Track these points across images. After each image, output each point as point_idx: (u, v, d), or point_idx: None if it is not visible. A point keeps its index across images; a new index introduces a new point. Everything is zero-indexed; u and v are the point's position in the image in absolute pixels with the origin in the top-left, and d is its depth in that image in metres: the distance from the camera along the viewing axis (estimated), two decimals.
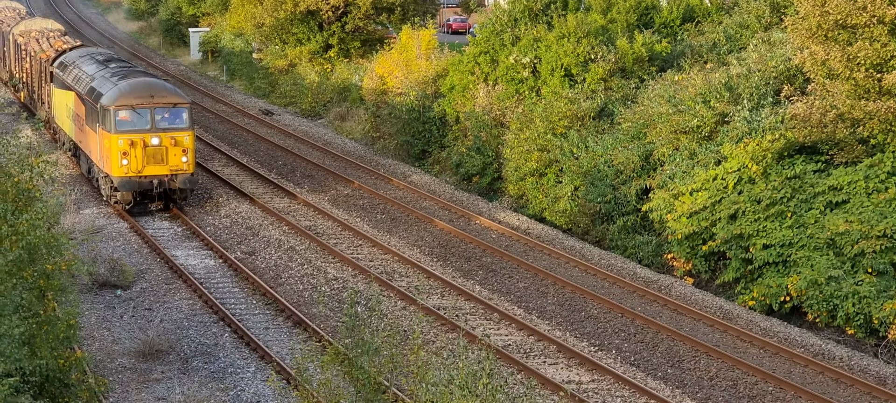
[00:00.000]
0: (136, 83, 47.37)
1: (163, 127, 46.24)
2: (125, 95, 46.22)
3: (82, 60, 54.46)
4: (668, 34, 55.19)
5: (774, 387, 31.75)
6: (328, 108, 69.70)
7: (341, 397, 23.39)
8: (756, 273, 38.03)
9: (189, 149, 46.34)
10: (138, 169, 45.93)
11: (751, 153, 39.23)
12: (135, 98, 46.18)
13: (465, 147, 53.69)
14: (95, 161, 48.92)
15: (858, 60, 36.89)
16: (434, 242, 44.51)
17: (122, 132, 45.77)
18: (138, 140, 45.77)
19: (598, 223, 44.94)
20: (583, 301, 38.31)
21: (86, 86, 49.81)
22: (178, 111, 46.64)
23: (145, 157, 45.89)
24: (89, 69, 51.93)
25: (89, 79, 50.17)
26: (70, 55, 57.07)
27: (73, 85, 51.92)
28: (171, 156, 46.14)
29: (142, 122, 46.03)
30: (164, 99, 46.65)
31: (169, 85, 49.10)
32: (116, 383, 31.30)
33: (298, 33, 75.14)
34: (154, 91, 46.85)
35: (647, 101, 46.05)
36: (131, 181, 46.01)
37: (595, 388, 31.39)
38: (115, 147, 45.80)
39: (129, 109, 45.96)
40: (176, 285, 39.31)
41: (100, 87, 47.97)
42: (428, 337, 34.06)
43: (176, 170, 46.30)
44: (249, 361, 32.86)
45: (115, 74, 49.33)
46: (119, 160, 45.83)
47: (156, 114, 46.21)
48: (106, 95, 46.66)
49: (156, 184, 46.20)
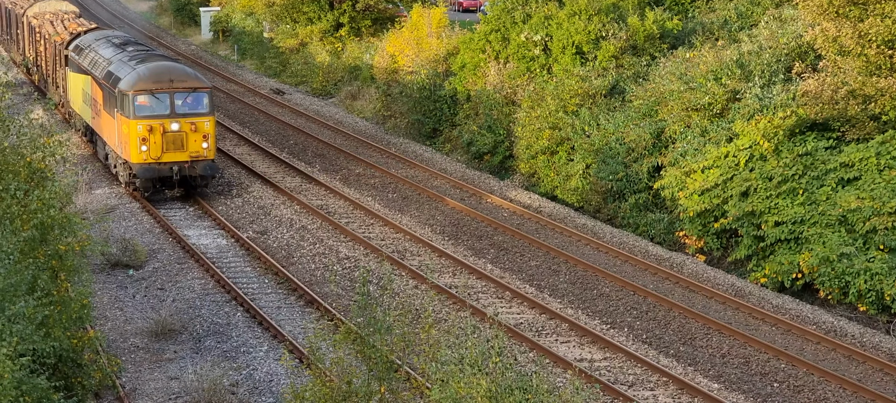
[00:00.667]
0: (155, 67, 46.18)
1: (183, 112, 45.18)
2: (144, 80, 45.12)
3: (98, 43, 53.29)
4: (679, 11, 55.08)
5: (787, 364, 31.76)
6: (339, 88, 69.70)
7: (354, 375, 23.43)
8: (768, 250, 38.01)
9: (210, 135, 45.36)
10: (157, 155, 44.86)
11: (762, 130, 39.17)
12: (154, 82, 45.05)
13: (476, 125, 53.66)
14: (113, 147, 47.90)
15: (870, 37, 36.80)
16: (445, 221, 44.53)
17: (141, 117, 44.69)
18: (157, 126, 44.69)
19: (610, 201, 44.93)
20: (595, 279, 38.32)
21: (103, 70, 48.60)
22: (199, 96, 45.57)
23: (164, 143, 44.80)
24: (106, 53, 50.68)
25: (106, 63, 48.94)
26: (86, 38, 55.90)
27: (90, 69, 50.67)
28: (191, 142, 45.11)
29: (161, 108, 44.95)
30: (184, 83, 45.57)
31: (189, 69, 47.83)
32: (129, 362, 31.40)
33: (309, 12, 75.11)
34: (173, 75, 45.67)
35: (659, 79, 45.98)
36: (150, 168, 44.94)
37: (607, 366, 31.42)
38: (133, 133, 44.72)
39: (147, 94, 44.84)
40: (188, 264, 39.38)
41: (117, 72, 46.78)
42: (440, 316, 34.11)
43: (196, 156, 45.28)
44: (262, 340, 32.93)
45: (132, 58, 48.17)
46: (138, 146, 44.78)
47: (175, 99, 45.15)
48: (124, 80, 45.53)
49: (175, 171, 45.10)
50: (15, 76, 71.57)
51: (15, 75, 72.14)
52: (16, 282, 22.80)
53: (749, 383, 30.71)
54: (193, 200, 46.63)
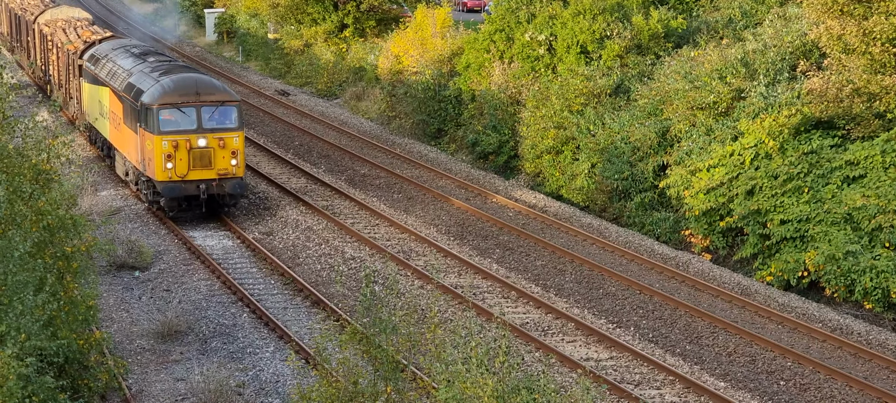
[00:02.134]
0: (181, 79, 43.67)
1: (210, 127, 42.52)
2: (169, 93, 42.61)
3: (116, 53, 50.66)
4: (683, 10, 55.07)
5: (793, 362, 31.76)
6: (344, 88, 69.72)
7: (360, 375, 23.45)
8: (774, 248, 38.00)
9: (239, 151, 42.67)
10: (183, 173, 42.26)
11: (767, 128, 39.17)
12: (179, 95, 42.53)
13: (481, 125, 53.67)
14: (135, 163, 45.07)
15: (874, 35, 36.80)
16: (451, 221, 44.54)
17: (166, 133, 42.14)
18: (183, 141, 42.10)
19: (616, 200, 44.93)
20: (600, 278, 38.32)
21: (123, 82, 46.16)
22: (227, 110, 42.96)
23: (191, 160, 42.25)
24: (125, 63, 48.17)
25: (126, 74, 46.46)
26: (101, 47, 53.27)
27: (108, 80, 48.16)
28: (218, 158, 42.48)
29: (187, 122, 42.38)
30: (212, 96, 42.92)
31: (216, 81, 45.33)
32: (135, 364, 31.43)
33: (314, 13, 75.16)
34: (200, 88, 43.12)
35: (664, 78, 45.98)
36: (176, 186, 42.32)
37: (613, 365, 31.41)
38: (158, 149, 42.13)
39: (173, 108, 42.36)
40: (194, 266, 39.42)
41: (139, 84, 44.36)
42: (445, 316, 34.11)
43: (224, 173, 42.63)
44: (268, 341, 32.95)
45: (155, 69, 45.64)
46: (162, 163, 42.11)
47: (202, 112, 42.46)
48: (147, 93, 43.03)
49: (202, 190, 42.44)
50: (20, 78, 71.53)
51: (20, 77, 72.09)
52: (24, 280, 22.84)
53: (755, 381, 30.71)
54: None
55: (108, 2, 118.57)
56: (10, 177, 26.02)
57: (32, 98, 64.33)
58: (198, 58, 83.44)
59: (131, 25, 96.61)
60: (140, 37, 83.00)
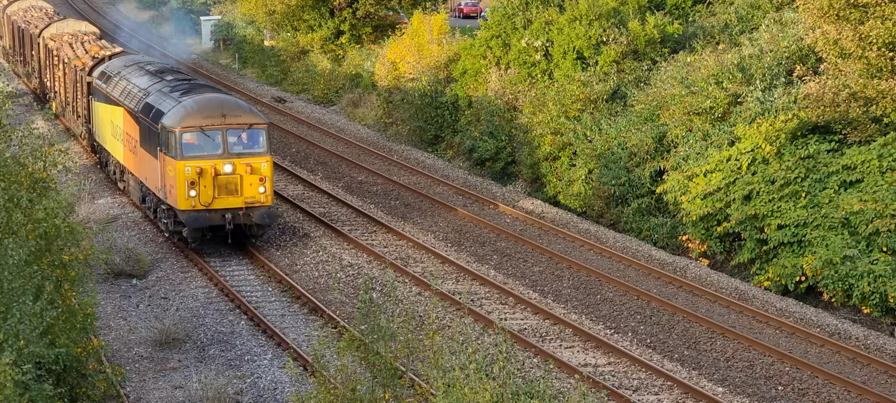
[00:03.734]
0: (205, 100, 40.71)
1: (237, 152, 39.65)
2: (192, 115, 39.66)
3: (129, 71, 47.74)
4: (679, 15, 55.12)
5: (791, 367, 31.76)
6: (340, 95, 69.72)
7: (358, 382, 23.44)
8: (771, 253, 38.03)
9: (267, 178, 39.79)
10: (208, 201, 39.32)
11: (764, 133, 39.20)
12: (203, 118, 39.58)
13: (478, 131, 53.69)
14: (154, 190, 42.14)
15: (871, 39, 36.82)
16: (448, 227, 44.54)
17: (189, 158, 39.21)
18: (208, 167, 39.19)
19: (613, 206, 44.95)
20: (598, 284, 38.32)
21: (139, 102, 43.32)
22: (255, 133, 40.05)
23: (216, 188, 39.35)
24: (140, 81, 45.34)
25: (142, 93, 43.68)
26: (113, 64, 50.31)
27: (122, 100, 45.33)
28: (245, 185, 39.58)
29: (212, 147, 39.51)
30: (238, 119, 39.93)
31: (242, 102, 42.39)
32: (133, 372, 31.41)
33: (310, 20, 75.17)
34: (226, 109, 40.09)
35: (660, 83, 46.02)
36: (200, 216, 39.43)
37: (611, 371, 31.41)
38: (180, 176, 39.20)
39: (197, 131, 39.43)
40: (191, 273, 39.39)
41: (158, 104, 41.51)
42: (443, 322, 34.12)
43: (252, 202, 39.71)
44: (266, 348, 32.94)
45: (175, 89, 42.70)
46: (185, 191, 39.17)
47: (228, 136, 39.60)
48: (168, 115, 40.10)
49: (228, 219, 39.60)
50: (16, 86, 71.35)
51: (16, 85, 71.91)
52: (20, 287, 22.83)
53: (753, 386, 30.71)
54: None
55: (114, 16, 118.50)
56: (7, 186, 26.01)
57: (29, 106, 64.31)
58: (194, 65, 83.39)
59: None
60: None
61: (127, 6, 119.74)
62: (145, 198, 44.18)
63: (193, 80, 45.84)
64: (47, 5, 77.59)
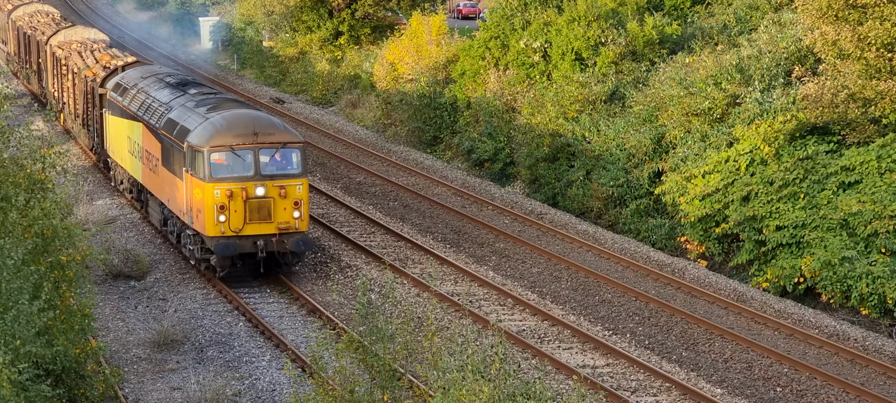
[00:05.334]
0: (235, 117, 37.65)
1: (269, 173, 36.64)
2: (221, 133, 36.73)
3: (147, 83, 44.72)
4: (678, 16, 55.15)
5: (789, 369, 31.75)
6: (339, 96, 69.74)
7: (357, 384, 23.44)
8: (769, 254, 38.03)
9: (302, 202, 36.80)
10: (238, 227, 36.36)
11: (763, 134, 39.20)
12: (234, 136, 36.64)
13: (476, 132, 53.70)
14: (178, 213, 39.03)
15: (869, 40, 36.84)
16: (447, 228, 44.54)
17: (219, 180, 36.26)
18: (238, 190, 36.20)
19: (611, 207, 44.95)
20: (596, 285, 38.32)
21: (160, 117, 40.35)
22: (289, 153, 37.02)
23: (248, 212, 36.40)
24: (161, 95, 42.32)
25: (164, 108, 40.70)
26: (129, 75, 47.18)
27: (140, 114, 42.40)
28: (279, 210, 36.56)
29: (243, 168, 36.50)
30: (271, 137, 36.98)
31: (276, 119, 39.43)
32: (131, 373, 31.40)
33: (308, 21, 75.19)
34: (258, 127, 36.97)
35: (659, 84, 46.03)
36: (230, 243, 36.39)
37: (610, 372, 31.40)
38: (208, 199, 36.20)
39: (226, 151, 36.44)
40: (190, 275, 39.37)
41: (183, 120, 38.56)
42: (442, 324, 34.10)
43: (285, 227, 36.66)
44: (264, 350, 32.92)
45: (200, 104, 39.65)
46: (214, 216, 36.27)
47: (260, 155, 36.64)
48: (195, 132, 37.17)
49: (260, 247, 36.51)
50: (15, 87, 71.16)
51: (16, 86, 71.72)
52: (18, 288, 22.83)
53: (752, 388, 30.70)
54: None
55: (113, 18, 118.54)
56: (5, 187, 26.01)
57: (28, 108, 64.28)
58: (192, 66, 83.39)
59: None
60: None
61: (125, 6, 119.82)
62: (167, 221, 41.20)
63: (219, 94, 43.32)
64: (54, 10, 75.12)
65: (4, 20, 78.69)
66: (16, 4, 77.94)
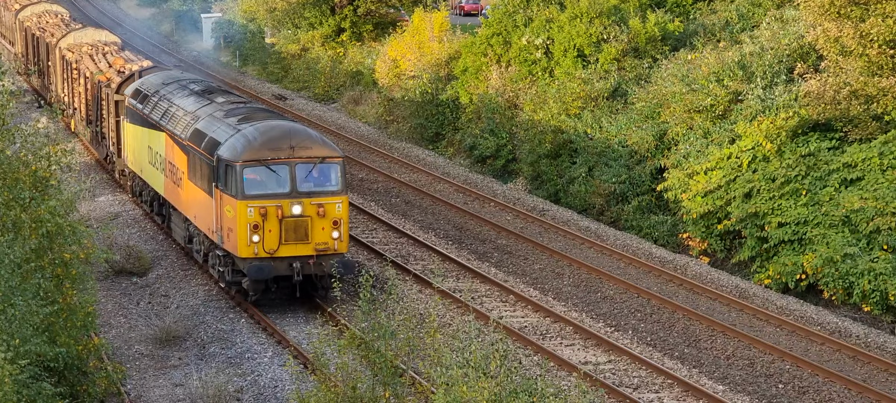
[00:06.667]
0: (269, 128, 35.25)
1: (306, 190, 34.25)
2: (255, 146, 34.31)
3: (170, 89, 42.34)
4: (680, 13, 55.11)
5: (791, 365, 31.77)
6: (341, 92, 69.73)
7: (359, 380, 23.49)
8: (772, 251, 38.01)
9: (342, 221, 34.30)
10: (273, 248, 33.92)
11: (765, 131, 39.18)
12: (269, 150, 34.26)
13: (478, 129, 53.70)
14: (205, 231, 36.53)
15: (871, 37, 36.82)
16: (449, 225, 44.56)
17: (252, 197, 33.85)
18: (273, 208, 33.80)
19: (613, 203, 44.94)
20: (598, 281, 38.33)
21: (187, 127, 37.93)
22: (328, 168, 34.72)
23: (283, 232, 33.94)
24: (186, 103, 39.91)
25: (190, 118, 38.27)
26: (149, 81, 44.54)
27: (163, 124, 39.99)
28: (316, 230, 34.10)
29: (278, 184, 34.25)
30: (309, 151, 34.61)
31: (313, 132, 36.98)
32: (134, 369, 31.44)
33: (310, 17, 75.18)
34: (294, 140, 34.67)
35: (661, 81, 46.01)
36: (263, 265, 33.97)
37: (612, 369, 31.42)
38: (241, 218, 33.77)
39: (261, 166, 34.12)
40: (192, 271, 39.38)
41: (212, 132, 36.16)
42: (444, 320, 34.12)
43: (323, 249, 34.13)
44: (267, 346, 32.94)
45: (230, 113, 37.27)
46: (247, 236, 33.81)
47: (297, 171, 34.23)
48: (226, 144, 34.79)
49: (297, 269, 33.94)
50: (18, 85, 70.91)
51: (18, 84, 71.48)
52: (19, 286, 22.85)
53: (754, 384, 30.72)
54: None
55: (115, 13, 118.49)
56: (10, 184, 26.04)
57: (30, 104, 64.26)
58: (195, 62, 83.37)
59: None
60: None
61: (127, 3, 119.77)
62: (192, 238, 38.77)
63: (250, 103, 40.77)
64: (63, 10, 72.85)
65: (12, 20, 76.70)
66: (23, 4, 75.58)
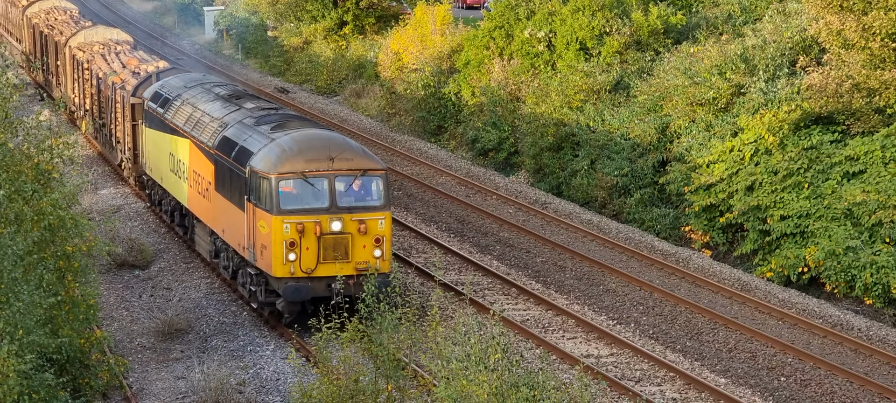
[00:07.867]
0: (306, 138, 32.82)
1: (347, 205, 31.71)
2: (291, 157, 31.81)
3: (193, 93, 39.88)
4: (682, 6, 55.09)
5: (793, 358, 31.78)
6: (343, 86, 69.70)
7: (361, 373, 23.51)
8: (774, 244, 38.03)
9: (384, 239, 31.83)
10: (310, 267, 31.43)
11: (767, 124, 39.19)
12: (306, 162, 31.72)
13: (480, 122, 53.70)
14: (235, 247, 34.01)
15: (874, 30, 36.82)
16: (451, 218, 44.56)
17: (288, 212, 31.38)
18: (311, 225, 31.28)
19: (616, 196, 44.95)
20: (601, 274, 38.34)
21: (214, 135, 35.54)
22: (370, 181, 32.19)
23: (322, 250, 31.45)
24: (212, 109, 37.45)
25: (218, 125, 35.81)
26: (170, 84, 42.16)
27: (187, 130, 37.62)
28: (357, 248, 31.62)
29: (316, 198, 31.69)
30: (349, 162, 32.03)
31: (353, 142, 34.33)
32: (136, 362, 31.46)
33: (313, 10, 75.14)
34: (334, 151, 32.07)
35: (663, 74, 46.02)
36: (300, 286, 31.42)
37: (614, 361, 31.43)
38: (276, 234, 31.29)
39: (298, 179, 31.60)
40: (194, 264, 39.39)
41: (242, 141, 33.71)
42: (446, 313, 34.13)
43: (364, 268, 31.45)
44: (269, 339, 32.95)
45: (262, 121, 34.77)
46: (283, 254, 31.33)
47: (336, 184, 31.75)
48: (259, 155, 32.33)
49: (336, 290, 29.12)
50: (21, 78, 70.82)
51: (21, 76, 71.36)
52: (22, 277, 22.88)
53: (756, 377, 30.73)
54: None
55: None
56: (13, 177, 26.06)
57: (32, 97, 64.25)
58: (197, 55, 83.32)
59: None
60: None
61: None
62: (219, 253, 36.40)
63: (282, 110, 37.84)
64: (72, 6, 70.06)
65: (19, 17, 74.27)
66: (31, 0, 72.72)
